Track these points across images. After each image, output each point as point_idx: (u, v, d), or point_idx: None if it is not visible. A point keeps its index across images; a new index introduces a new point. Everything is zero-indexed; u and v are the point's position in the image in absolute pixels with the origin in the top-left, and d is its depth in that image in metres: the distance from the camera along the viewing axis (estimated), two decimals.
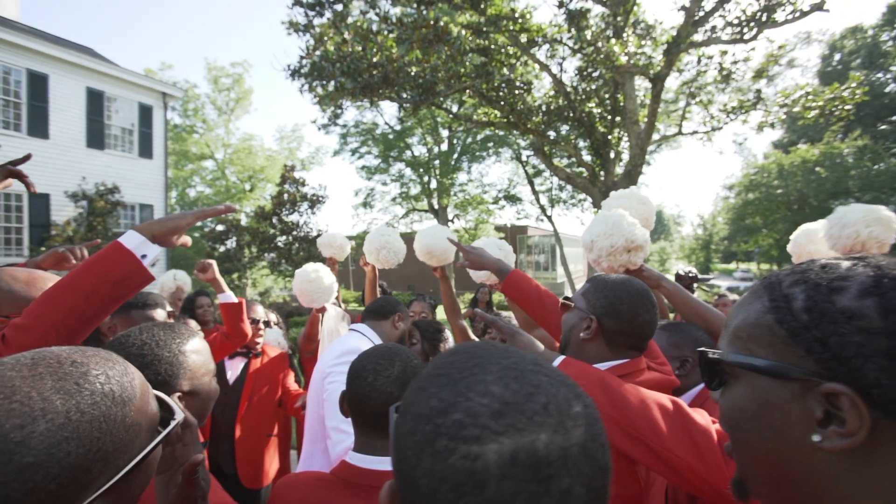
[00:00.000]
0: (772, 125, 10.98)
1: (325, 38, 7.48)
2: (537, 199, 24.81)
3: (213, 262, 2.28)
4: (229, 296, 2.32)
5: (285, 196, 14.32)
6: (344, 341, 1.92)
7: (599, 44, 7.43)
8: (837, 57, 32.27)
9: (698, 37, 7.97)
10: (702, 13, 8.02)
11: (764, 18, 6.41)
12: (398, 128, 25.43)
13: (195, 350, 1.07)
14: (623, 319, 1.21)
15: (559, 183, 25.27)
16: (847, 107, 9.30)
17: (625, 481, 1.08)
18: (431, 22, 6.38)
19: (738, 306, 0.58)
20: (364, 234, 23.43)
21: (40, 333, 0.94)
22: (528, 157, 24.26)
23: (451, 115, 12.58)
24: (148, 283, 1.11)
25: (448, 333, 2.42)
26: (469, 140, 25.65)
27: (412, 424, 0.43)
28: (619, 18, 9.24)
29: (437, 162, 25.59)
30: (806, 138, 25.82)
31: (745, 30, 6.84)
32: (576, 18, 7.34)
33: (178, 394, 1.02)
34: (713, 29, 7.43)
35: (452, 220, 26.96)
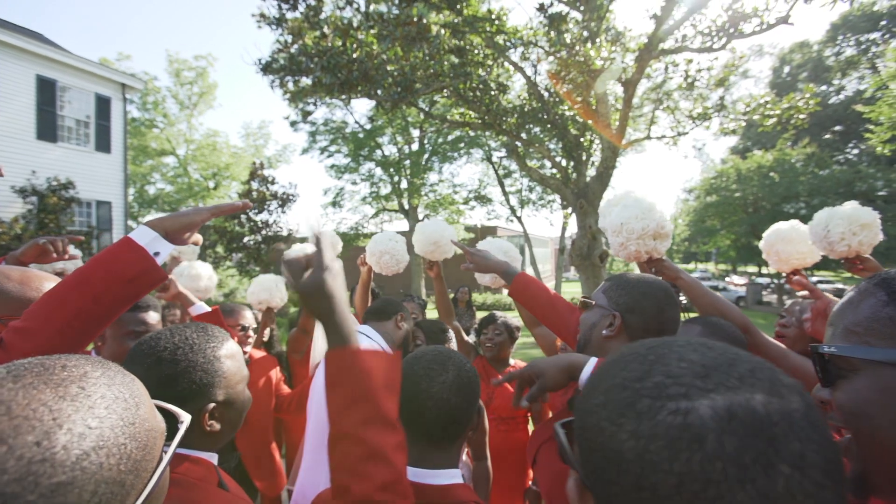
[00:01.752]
0: (733, 131, 11.55)
1: (304, 33, 7.28)
2: (507, 200, 25.17)
3: (174, 279, 2.16)
4: (201, 307, 2.14)
5: (254, 194, 13.86)
6: None
7: (577, 48, 7.57)
8: (787, 69, 34.28)
9: (669, 44, 8.26)
10: (672, 22, 8.31)
11: (732, 30, 6.71)
12: (368, 127, 25.15)
13: (230, 355, 0.99)
14: (648, 315, 1.19)
15: (529, 184, 25.70)
16: (801, 116, 9.88)
17: None
18: (414, 19, 6.30)
19: (846, 305, 0.60)
20: (335, 233, 22.97)
21: (44, 337, 0.86)
22: (499, 158, 24.50)
23: (426, 115, 12.52)
24: (161, 283, 1.03)
25: (452, 334, 2.39)
26: (440, 140, 25.67)
27: (603, 398, 0.41)
28: (592, 24, 9.46)
29: (407, 162, 25.47)
30: (759, 145, 27.32)
31: (715, 39, 7.14)
32: (556, 22, 7.44)
33: (212, 404, 0.94)
34: (684, 37, 7.71)
35: (423, 221, 26.80)
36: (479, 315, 12.41)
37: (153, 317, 1.90)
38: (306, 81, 8.93)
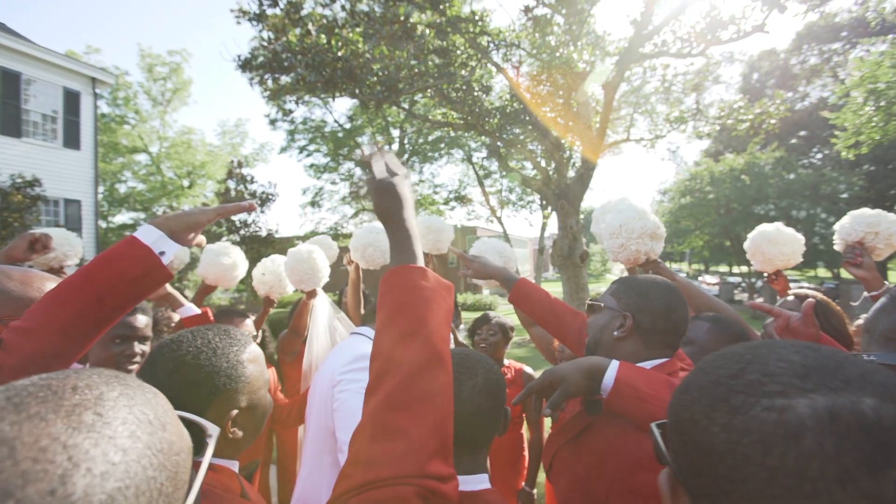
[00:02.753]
0: (708, 135, 11.92)
1: (287, 29, 7.15)
2: (487, 201, 25.29)
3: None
4: (190, 308, 2.05)
5: (232, 193, 13.52)
6: (352, 346, 1.81)
7: (561, 50, 7.67)
8: (756, 76, 35.50)
9: (648, 49, 8.44)
10: (651, 27, 8.51)
11: (710, 36, 6.91)
12: (348, 126, 24.96)
13: (252, 359, 0.97)
14: (658, 315, 1.18)
15: (509, 185, 25.90)
16: (773, 121, 10.26)
17: None
18: (401, 18, 6.26)
19: (880, 312, 0.62)
20: (312, 234, 22.82)
21: (46, 338, 0.83)
22: (480, 159, 24.59)
23: (409, 115, 12.48)
24: (166, 282, 1.00)
25: (450, 335, 2.37)
26: (420, 140, 25.66)
27: (697, 393, 0.42)
28: (574, 27, 9.61)
29: None
30: (731, 148, 28.25)
31: (693, 45, 7.34)
32: (541, 24, 7.52)
33: (235, 411, 0.91)
34: (663, 43, 7.90)
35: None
36: (464, 315, 12.42)
37: (141, 320, 1.82)
38: (287, 79, 8.79)
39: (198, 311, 2.08)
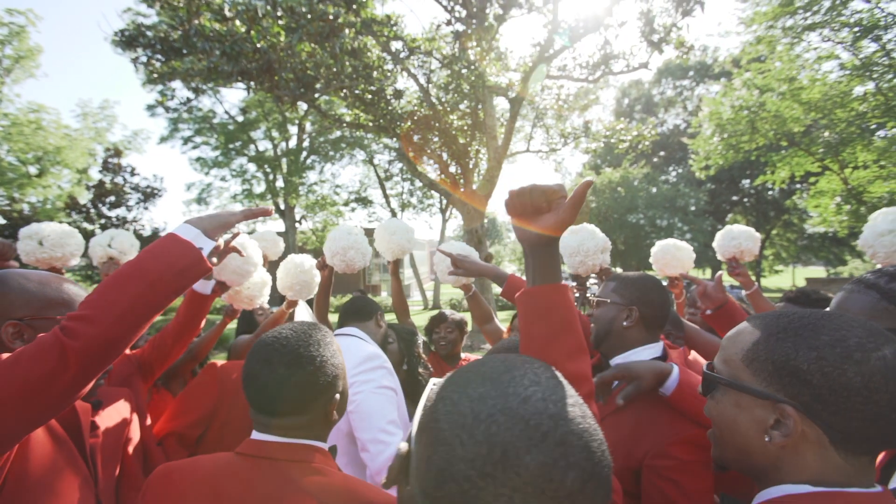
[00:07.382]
0: (594, 151, 13.49)
1: (201, 12, 6.49)
2: (388, 203, 25.31)
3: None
4: (208, 285, 1.71)
5: (108, 185, 11.72)
6: (354, 348, 1.84)
7: (476, 64, 8.13)
8: (626, 101, 40.62)
9: (553, 70, 9.32)
10: (552, 51, 9.41)
11: (604, 67, 7.90)
12: (240, 119, 23.14)
13: (339, 348, 1.07)
14: (656, 306, 1.40)
15: (409, 188, 26.25)
16: (646, 142, 12.01)
17: None
18: (330, 17, 6.10)
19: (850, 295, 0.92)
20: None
21: (106, 323, 0.89)
22: (390, 160, 24.50)
23: (317, 112, 12.06)
24: (206, 274, 1.07)
25: (420, 337, 2.47)
26: (321, 139, 24.77)
27: (816, 353, 0.66)
28: (483, 43, 10.21)
29: (284, 159, 24.05)
30: (608, 163, 31.97)
31: (590, 72, 8.31)
32: (461, 38, 7.88)
33: (337, 395, 0.99)
34: (564, 67, 8.79)
35: (300, 222, 25.68)
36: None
37: None
38: (188, 63, 7.99)
39: (208, 291, 1.76)
